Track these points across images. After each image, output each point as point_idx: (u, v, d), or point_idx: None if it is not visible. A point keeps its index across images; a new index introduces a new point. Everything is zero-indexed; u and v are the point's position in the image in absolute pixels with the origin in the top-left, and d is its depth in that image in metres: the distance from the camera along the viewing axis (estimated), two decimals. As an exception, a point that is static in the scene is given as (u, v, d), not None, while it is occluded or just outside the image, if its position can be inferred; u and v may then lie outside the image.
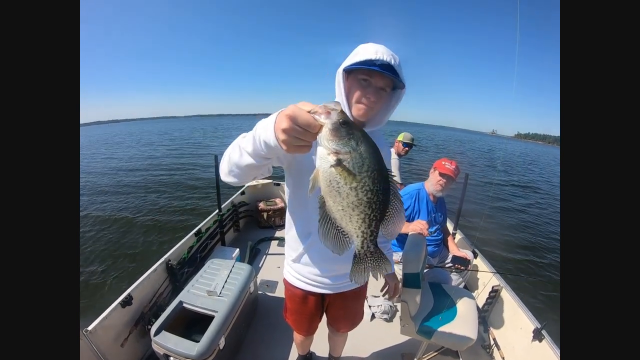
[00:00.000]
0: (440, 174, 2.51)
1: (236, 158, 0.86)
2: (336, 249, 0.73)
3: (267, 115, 0.78)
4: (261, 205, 4.35)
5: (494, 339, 2.43)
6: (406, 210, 2.55)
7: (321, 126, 0.63)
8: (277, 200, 4.48)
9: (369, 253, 0.74)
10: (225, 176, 0.96)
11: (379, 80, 0.99)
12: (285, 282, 1.47)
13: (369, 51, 0.96)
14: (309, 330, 1.58)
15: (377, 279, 0.90)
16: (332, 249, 0.73)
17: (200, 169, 13.23)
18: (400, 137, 3.84)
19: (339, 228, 0.72)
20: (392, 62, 0.96)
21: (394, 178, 0.72)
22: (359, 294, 1.53)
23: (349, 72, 1.04)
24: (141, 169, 13.51)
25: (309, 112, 0.64)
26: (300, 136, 0.65)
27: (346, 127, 0.63)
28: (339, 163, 0.64)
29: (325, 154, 0.65)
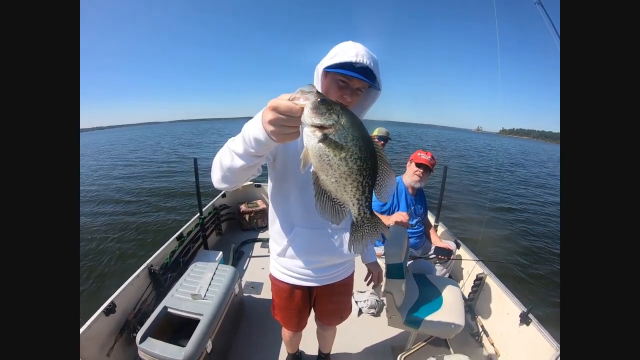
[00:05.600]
0: (417, 165, 2.56)
1: (228, 162, 0.88)
2: (335, 220, 0.77)
3: (249, 118, 0.82)
4: (243, 207, 4.31)
5: (482, 326, 2.47)
6: (385, 204, 2.58)
7: (302, 108, 0.67)
8: (259, 202, 4.45)
9: (366, 219, 0.78)
10: (218, 183, 0.98)
11: (357, 82, 1.01)
12: (272, 278, 1.47)
13: (349, 53, 0.97)
14: (299, 325, 1.58)
15: (374, 244, 0.95)
16: (330, 221, 0.77)
17: (178, 173, 12.98)
18: (375, 132, 3.87)
19: (335, 200, 0.75)
20: (371, 66, 0.98)
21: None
22: (346, 286, 1.54)
23: (327, 70, 1.06)
24: (120, 176, 13.15)
25: (288, 99, 0.68)
26: (286, 123, 0.69)
27: (325, 104, 0.67)
28: (325, 137, 0.67)
29: (311, 132, 0.68)
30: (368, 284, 1.65)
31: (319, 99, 0.66)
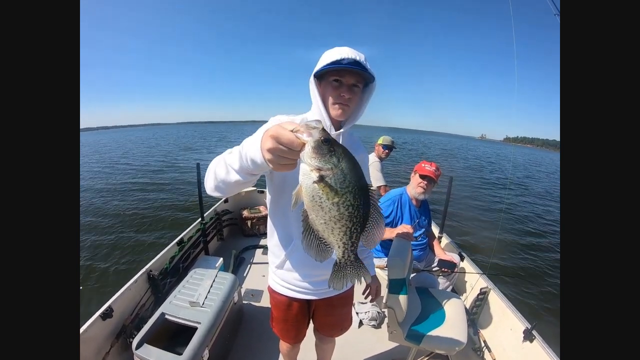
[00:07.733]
0: (421, 176, 2.52)
1: (223, 174, 0.89)
2: (319, 258, 0.77)
3: (253, 122, 0.79)
4: (245, 213, 4.29)
5: (485, 341, 2.42)
6: (388, 216, 2.55)
7: (303, 144, 0.65)
8: (261, 208, 4.42)
9: (349, 262, 0.78)
10: (211, 191, 0.98)
11: (350, 78, 1.02)
12: (270, 290, 1.46)
13: (334, 54, 1.00)
14: (296, 338, 1.55)
15: (359, 284, 0.94)
16: (314, 258, 0.77)
17: (181, 176, 12.97)
18: (380, 141, 3.88)
19: (322, 239, 0.75)
20: (358, 59, 0.99)
21: (376, 181, 0.74)
22: (346, 298, 1.52)
23: (320, 77, 1.08)
24: (121, 174, 13.21)
25: (291, 131, 0.66)
26: (284, 155, 0.68)
27: (328, 145, 0.65)
28: (321, 179, 0.66)
29: (308, 170, 0.66)
30: (366, 298, 1.63)
31: (322, 138, 0.64)
